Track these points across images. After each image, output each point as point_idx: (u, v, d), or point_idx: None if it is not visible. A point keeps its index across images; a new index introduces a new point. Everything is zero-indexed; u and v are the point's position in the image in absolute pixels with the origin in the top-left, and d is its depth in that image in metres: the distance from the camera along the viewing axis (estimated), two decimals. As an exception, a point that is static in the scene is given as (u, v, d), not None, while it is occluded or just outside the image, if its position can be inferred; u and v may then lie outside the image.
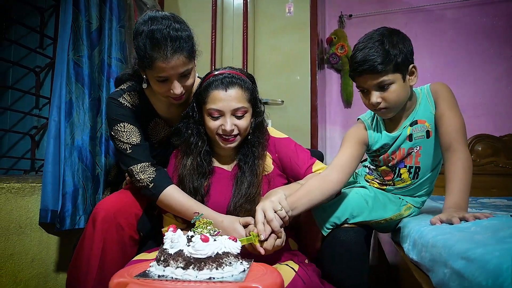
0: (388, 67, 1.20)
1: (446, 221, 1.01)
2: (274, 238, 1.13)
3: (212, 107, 1.28)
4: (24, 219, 1.67)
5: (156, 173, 1.36)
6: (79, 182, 1.69)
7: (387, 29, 1.27)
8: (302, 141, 2.28)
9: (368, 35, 1.27)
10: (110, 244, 1.31)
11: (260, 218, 1.12)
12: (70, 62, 1.74)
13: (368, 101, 1.29)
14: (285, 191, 1.24)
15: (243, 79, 1.33)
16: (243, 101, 1.30)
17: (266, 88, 2.44)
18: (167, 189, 1.33)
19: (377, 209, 1.36)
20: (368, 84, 1.25)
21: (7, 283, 1.57)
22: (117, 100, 1.41)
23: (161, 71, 1.25)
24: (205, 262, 0.87)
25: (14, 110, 2.13)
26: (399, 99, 1.25)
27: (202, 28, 2.51)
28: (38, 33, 2.13)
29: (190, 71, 1.32)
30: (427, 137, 1.31)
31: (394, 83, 1.23)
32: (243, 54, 2.44)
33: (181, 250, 0.90)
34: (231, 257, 0.92)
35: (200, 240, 0.89)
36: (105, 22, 1.95)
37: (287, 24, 2.45)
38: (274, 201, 1.15)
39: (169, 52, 1.22)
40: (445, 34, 2.86)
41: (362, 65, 1.22)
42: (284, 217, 1.14)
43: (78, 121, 1.76)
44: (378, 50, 1.20)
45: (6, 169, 2.06)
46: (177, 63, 1.25)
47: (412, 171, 1.36)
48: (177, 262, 0.88)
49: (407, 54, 1.24)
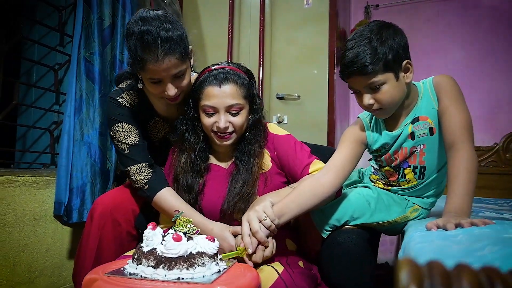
0: (378, 67, 1.11)
1: (442, 227, 0.94)
2: (262, 249, 1.11)
3: (206, 103, 1.25)
4: (39, 211, 1.74)
5: (152, 175, 1.36)
6: (87, 177, 1.74)
7: (377, 24, 1.17)
8: (319, 137, 2.24)
9: (359, 31, 1.17)
10: (106, 239, 1.33)
11: (245, 231, 1.10)
12: (82, 59, 1.78)
13: (361, 103, 1.21)
14: (273, 198, 1.20)
15: (238, 75, 1.28)
16: (238, 97, 1.26)
17: (282, 83, 2.39)
18: (161, 192, 1.32)
19: (380, 211, 1.28)
20: (358, 86, 1.17)
21: (22, 272, 1.64)
22: (115, 99, 1.40)
23: (153, 73, 1.22)
24: (175, 261, 0.86)
25: (34, 107, 2.22)
26: (393, 99, 1.16)
27: (219, 22, 2.50)
28: (58, 31, 2.20)
29: (184, 72, 1.28)
30: (431, 135, 1.22)
31: (385, 83, 1.13)
32: (259, 48, 2.40)
33: (154, 248, 0.89)
34: (205, 257, 0.90)
35: (171, 239, 0.88)
36: (117, 19, 1.99)
37: (305, 16, 2.38)
38: (259, 211, 1.12)
39: (160, 55, 1.18)
40: (481, 23, 2.66)
41: (350, 67, 1.13)
42: (270, 226, 1.11)
43: (87, 117, 1.81)
44: (366, 50, 1.11)
45: (29, 163, 2.16)
46: (169, 65, 1.21)
47: (417, 171, 1.27)
48: (149, 260, 0.87)
49: (399, 50, 1.13)
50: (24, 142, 2.30)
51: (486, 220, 0.91)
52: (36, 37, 2.33)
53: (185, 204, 1.30)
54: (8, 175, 1.62)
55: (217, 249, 0.94)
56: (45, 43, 2.20)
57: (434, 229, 0.94)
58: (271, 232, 1.12)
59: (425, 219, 1.28)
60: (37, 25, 2.31)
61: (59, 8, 2.21)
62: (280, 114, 2.36)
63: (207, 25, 2.57)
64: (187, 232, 0.96)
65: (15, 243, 1.62)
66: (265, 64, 2.41)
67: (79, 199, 1.70)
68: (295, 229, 1.44)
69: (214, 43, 2.52)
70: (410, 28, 2.78)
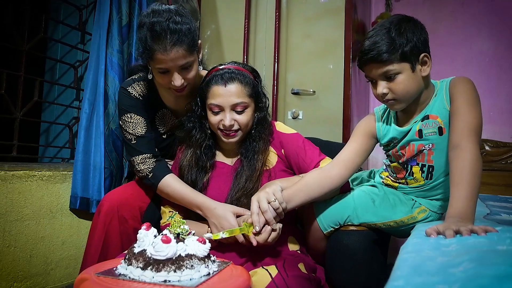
0: (394, 56, 1.12)
1: (442, 233, 0.90)
2: (268, 232, 1.12)
3: (212, 102, 1.30)
4: (55, 204, 1.80)
5: (155, 164, 1.40)
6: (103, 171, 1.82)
7: (398, 17, 1.19)
8: (334, 132, 2.20)
9: (380, 23, 1.19)
10: (113, 235, 1.36)
11: (255, 209, 1.13)
12: (108, 55, 1.86)
13: (376, 92, 1.21)
14: (283, 183, 1.24)
15: (243, 74, 1.32)
16: (243, 96, 1.30)
17: (298, 78, 2.36)
18: (165, 178, 1.36)
19: (384, 209, 1.26)
20: (374, 74, 1.18)
21: (38, 263, 1.72)
22: (126, 89, 1.46)
23: (160, 62, 1.28)
24: (163, 263, 0.87)
25: (53, 103, 2.30)
26: (407, 90, 1.16)
27: (236, 17, 2.49)
28: (79, 30, 2.26)
29: (191, 63, 1.34)
30: (440, 134, 1.18)
31: (401, 73, 1.14)
32: (275, 42, 2.37)
33: (145, 250, 0.90)
34: (194, 259, 0.90)
35: (160, 241, 0.88)
36: (134, 18, 2.03)
37: (321, 10, 2.32)
38: (269, 192, 1.16)
39: (168, 45, 1.25)
40: (508, 13, 2.51)
41: (367, 54, 1.15)
42: (277, 209, 1.14)
43: (112, 112, 1.88)
44: (384, 38, 1.13)
45: (51, 158, 2.24)
46: (176, 55, 1.27)
47: (425, 170, 1.24)
48: (138, 262, 0.88)
49: (417, 42, 1.14)
50: (47, 137, 2.39)
51: (488, 227, 0.86)
52: (59, 36, 2.40)
53: (189, 188, 1.34)
54: (26, 170, 1.69)
55: (207, 251, 0.94)
56: (67, 41, 2.27)
57: (434, 235, 0.91)
58: (278, 215, 1.15)
59: (427, 224, 1.24)
60: (60, 24, 2.38)
61: (80, 8, 2.27)
62: (295, 109, 2.34)
63: (224, 21, 2.57)
64: (180, 233, 0.96)
65: (32, 235, 1.69)
66: (280, 59, 2.38)
67: (97, 192, 1.78)
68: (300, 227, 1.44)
69: (230, 38, 2.51)
70: (433, 20, 2.68)
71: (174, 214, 1.14)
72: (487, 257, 0.57)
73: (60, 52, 2.41)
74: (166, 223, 1.35)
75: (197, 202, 1.30)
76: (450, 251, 0.71)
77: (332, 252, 1.29)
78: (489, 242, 0.75)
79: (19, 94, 1.90)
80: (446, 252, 0.70)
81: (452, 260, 0.60)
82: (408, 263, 0.65)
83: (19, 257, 1.63)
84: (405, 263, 0.66)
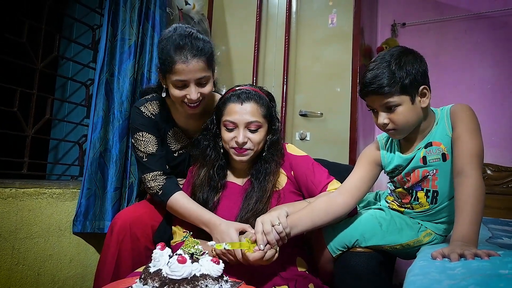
0: (394, 89, 1.17)
1: (447, 256, 0.93)
2: (267, 250, 1.14)
3: (228, 118, 1.34)
4: (64, 222, 1.82)
5: (165, 181, 1.44)
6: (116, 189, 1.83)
7: (398, 50, 1.24)
8: (341, 154, 2.23)
9: (381, 55, 1.24)
10: (125, 253, 1.38)
11: (259, 229, 1.15)
12: (104, 78, 1.90)
13: (377, 121, 1.25)
14: (289, 208, 1.26)
15: (259, 95, 1.37)
16: (258, 115, 1.34)
17: (306, 100, 2.41)
18: (174, 195, 1.40)
19: (391, 233, 1.29)
20: (375, 105, 1.23)
21: (45, 281, 1.72)
22: (139, 109, 1.50)
23: (180, 73, 1.33)
24: (179, 283, 0.88)
25: (64, 121, 2.34)
26: (407, 121, 1.20)
27: (246, 39, 2.56)
28: (91, 49, 2.32)
29: (207, 79, 1.39)
30: (444, 160, 1.22)
31: (401, 105, 1.19)
32: (284, 65, 2.43)
33: (160, 269, 0.92)
34: (209, 279, 0.92)
35: (176, 261, 0.90)
36: (146, 38, 2.08)
37: (329, 35, 2.39)
38: (273, 215, 1.18)
39: (189, 55, 1.32)
40: (509, 41, 2.57)
41: (368, 86, 1.20)
42: (281, 233, 1.15)
43: (105, 134, 1.90)
44: (384, 72, 1.18)
45: (59, 175, 2.26)
46: (196, 67, 1.33)
47: (429, 195, 1.28)
48: (154, 281, 0.90)
49: (417, 75, 1.18)
50: (56, 154, 2.41)
51: (491, 251, 0.91)
52: (71, 54, 2.46)
53: (197, 205, 1.37)
54: (37, 187, 1.71)
55: (221, 272, 0.95)
56: (79, 60, 2.33)
57: (439, 258, 0.95)
58: (281, 239, 1.16)
59: (433, 246, 1.26)
60: (72, 43, 2.45)
61: (93, 27, 2.33)
62: (303, 130, 2.38)
63: (234, 43, 2.64)
64: (194, 253, 0.98)
65: (40, 253, 1.70)
66: (289, 81, 2.43)
67: (93, 210, 1.82)
68: (307, 248, 1.45)
69: (240, 60, 2.58)
70: (437, 46, 2.74)
71: (188, 234, 1.15)
72: (491, 281, 0.60)
73: (72, 70, 2.46)
74: (177, 242, 1.36)
75: (204, 219, 1.33)
76: (455, 274, 0.75)
77: (340, 273, 1.31)
78: (492, 266, 0.79)
79: (31, 112, 1.93)
80: (452, 275, 0.74)
81: (458, 283, 0.64)
82: (416, 285, 0.68)
83: (27, 275, 1.64)
84: (413, 285, 0.69)
